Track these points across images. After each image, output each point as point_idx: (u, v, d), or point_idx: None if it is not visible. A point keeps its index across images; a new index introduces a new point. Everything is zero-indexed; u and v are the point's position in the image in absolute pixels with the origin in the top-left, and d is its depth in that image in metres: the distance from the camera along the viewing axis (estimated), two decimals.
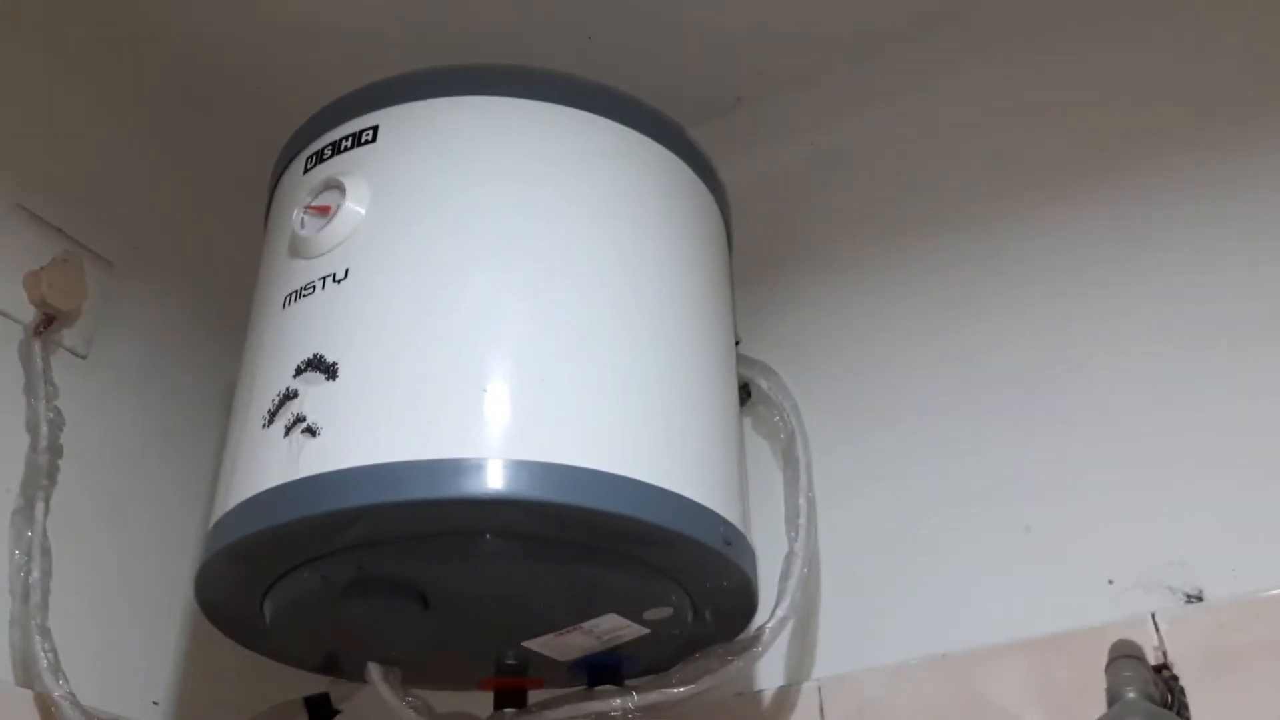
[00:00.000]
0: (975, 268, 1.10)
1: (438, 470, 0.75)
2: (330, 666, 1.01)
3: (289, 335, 0.85)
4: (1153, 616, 0.88)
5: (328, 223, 0.87)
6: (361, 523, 0.77)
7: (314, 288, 0.86)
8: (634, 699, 0.90)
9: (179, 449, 1.21)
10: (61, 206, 1.14)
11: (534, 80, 0.94)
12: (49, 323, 1.08)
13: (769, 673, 1.02)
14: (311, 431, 0.78)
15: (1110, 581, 0.92)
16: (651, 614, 0.87)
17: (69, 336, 1.11)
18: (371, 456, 0.76)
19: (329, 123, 0.95)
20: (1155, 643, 0.86)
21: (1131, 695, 0.71)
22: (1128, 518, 0.94)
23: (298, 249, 0.89)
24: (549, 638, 0.89)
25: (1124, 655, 0.76)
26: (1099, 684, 0.85)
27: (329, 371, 0.80)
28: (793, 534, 0.99)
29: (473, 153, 0.90)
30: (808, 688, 0.99)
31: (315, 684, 1.18)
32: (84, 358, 1.12)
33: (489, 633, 0.89)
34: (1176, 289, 0.99)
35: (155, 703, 1.08)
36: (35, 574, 0.97)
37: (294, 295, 0.87)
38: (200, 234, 1.32)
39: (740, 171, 1.13)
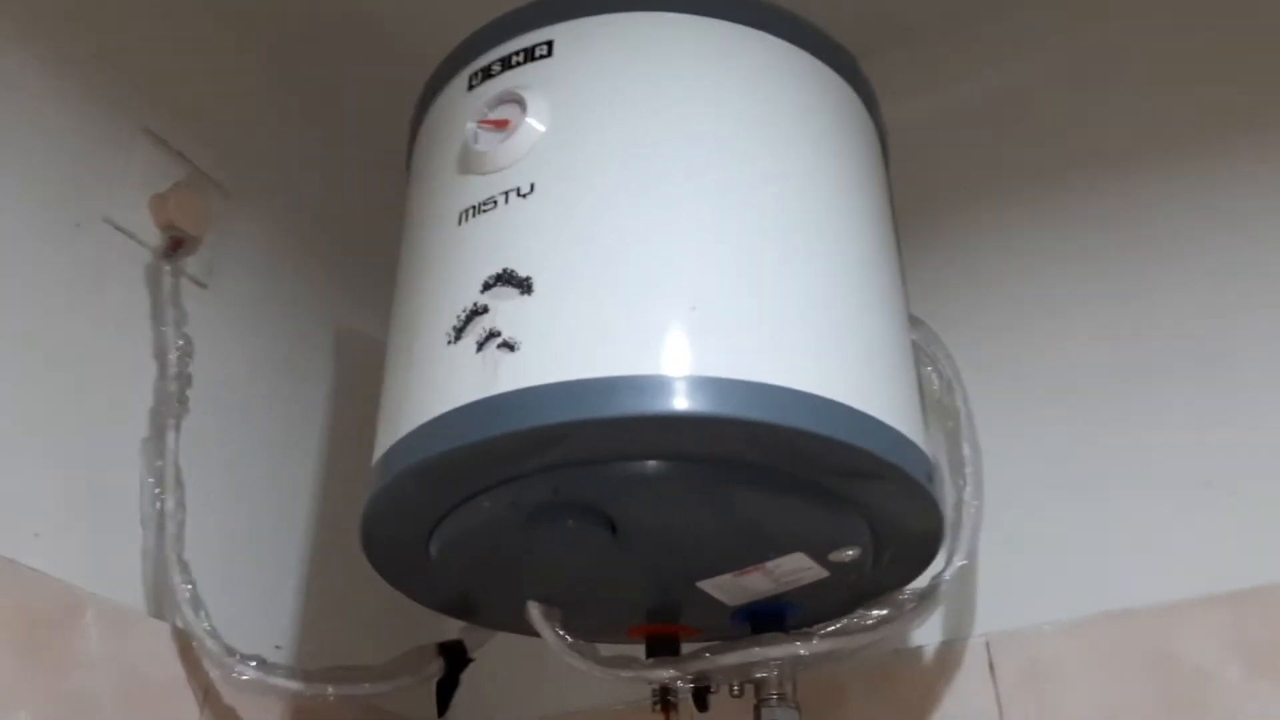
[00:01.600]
0: (1146, 215, 1.06)
1: (650, 386, 0.71)
2: (472, 610, 0.97)
3: (469, 250, 0.81)
4: None
5: (508, 136, 0.83)
6: (566, 441, 0.72)
7: (494, 202, 0.81)
8: (814, 645, 0.86)
9: (293, 386, 1.17)
10: (185, 133, 1.10)
11: None
12: (176, 246, 1.03)
13: (928, 628, 0.98)
14: (509, 346, 0.74)
15: None
16: (837, 555, 0.83)
17: (191, 264, 1.06)
18: (578, 372, 0.72)
19: (496, 38, 0.91)
20: None
21: None
22: None
23: (472, 164, 0.85)
24: (727, 577, 0.85)
25: None
26: None
27: (523, 286, 0.76)
28: (960, 482, 0.95)
29: (656, 69, 0.85)
30: (974, 643, 0.96)
31: (430, 631, 1.15)
32: (205, 286, 1.08)
33: (666, 569, 0.85)
34: None
35: (278, 646, 1.03)
36: (170, 504, 0.93)
37: (471, 211, 0.82)
38: (314, 170, 1.28)
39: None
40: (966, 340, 1.04)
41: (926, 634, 0.98)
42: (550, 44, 0.88)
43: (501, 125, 0.84)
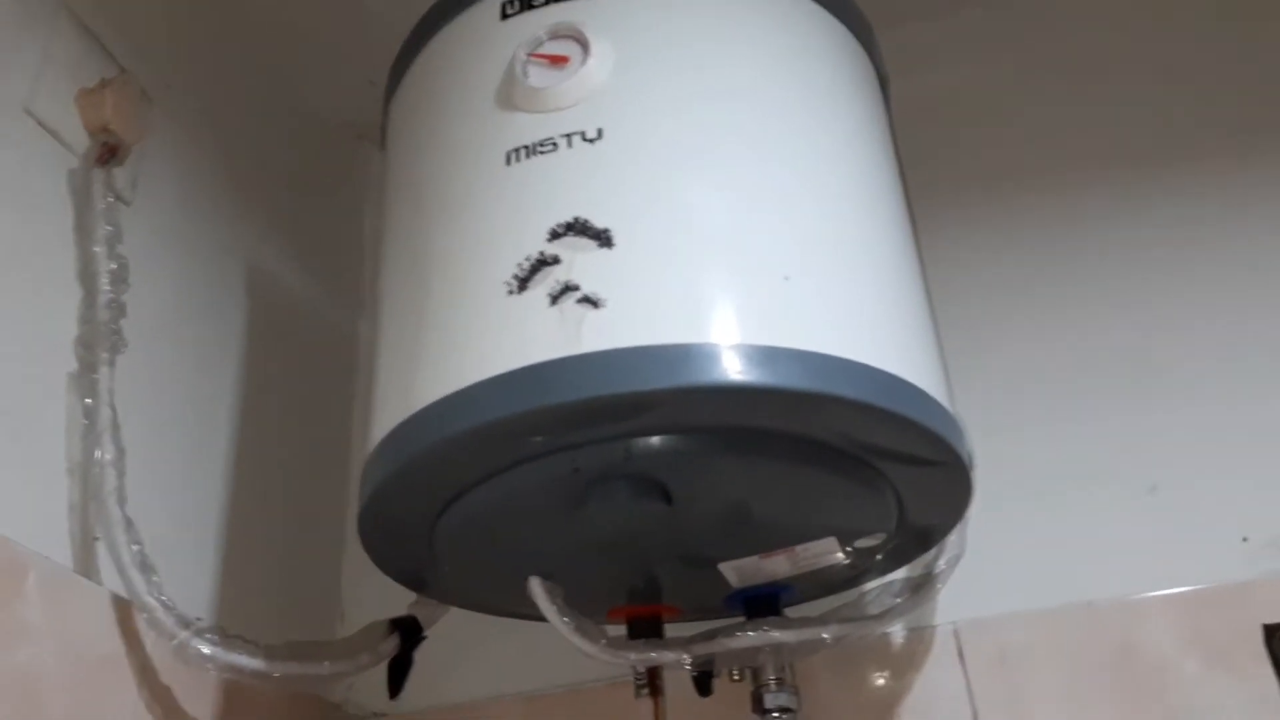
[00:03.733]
0: (1109, 226, 1.11)
1: (745, 356, 0.67)
2: (429, 583, 0.89)
3: (527, 194, 0.74)
4: None
5: (568, 76, 0.77)
6: (651, 408, 0.68)
7: (554, 145, 0.75)
8: (834, 629, 0.85)
9: (213, 322, 1.03)
10: (107, 22, 0.95)
11: None
12: (110, 154, 0.89)
13: None
14: (592, 302, 0.68)
15: (1245, 539, 0.96)
16: (863, 542, 0.82)
17: (118, 176, 0.91)
18: (669, 336, 0.67)
19: None
20: None
21: None
22: (1257, 476, 0.98)
23: (522, 100, 0.78)
24: (753, 559, 0.82)
25: None
26: (1255, 636, 0.88)
27: (600, 238, 0.70)
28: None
29: (718, 23, 0.82)
30: (943, 630, 0.97)
31: (339, 594, 1.07)
32: (128, 204, 0.93)
33: (698, 546, 0.81)
34: None
35: (198, 618, 0.91)
36: (109, 453, 0.80)
37: (525, 151, 0.75)
38: (233, 98, 1.14)
39: None
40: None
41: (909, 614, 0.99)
42: None
43: (559, 61, 0.78)
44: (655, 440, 0.70)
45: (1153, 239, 1.10)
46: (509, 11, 0.83)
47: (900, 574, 0.93)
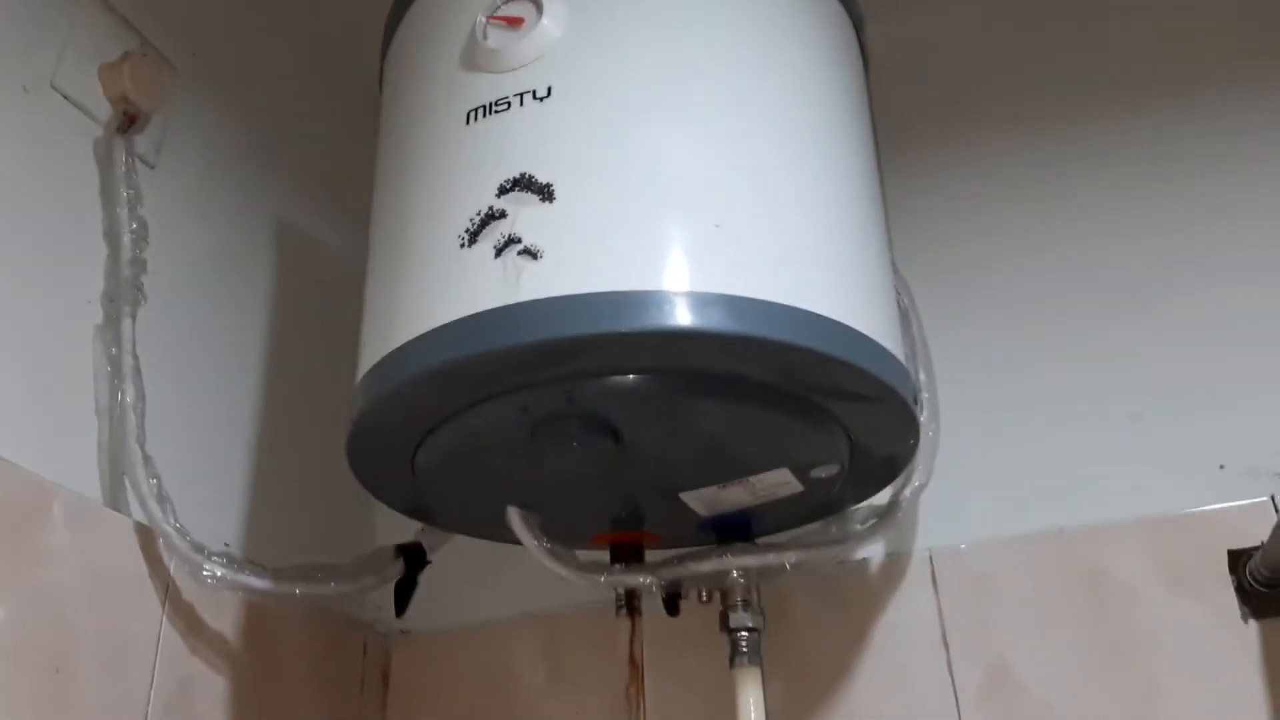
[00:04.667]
0: (1090, 161, 1.12)
1: (676, 303, 0.72)
2: (434, 513, 0.97)
3: (481, 152, 0.79)
4: (1273, 499, 0.93)
5: (523, 35, 0.81)
6: (588, 353, 0.73)
7: (508, 104, 0.80)
8: (787, 555, 0.90)
9: (237, 277, 1.12)
10: None
11: None
12: (130, 122, 0.97)
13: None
14: (531, 254, 0.73)
15: (1221, 467, 0.97)
16: (818, 472, 0.87)
17: (140, 142, 1.00)
18: (604, 284, 0.72)
19: None
20: (1276, 524, 0.92)
21: None
22: (1239, 405, 0.99)
23: (481, 60, 0.83)
24: (711, 489, 0.88)
25: None
26: (1221, 562, 0.90)
27: (543, 193, 0.75)
28: (917, 406, 0.99)
29: None
30: (918, 556, 1.02)
31: (372, 527, 1.15)
32: (152, 167, 1.02)
33: (656, 479, 0.87)
34: None
35: (226, 544, 1.01)
36: (131, 395, 0.89)
37: (482, 110, 0.81)
38: (257, 58, 1.21)
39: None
40: (921, 271, 1.08)
41: (872, 546, 1.03)
42: None
43: (515, 23, 0.82)
44: (597, 382, 0.76)
45: (1136, 171, 1.10)
46: None
47: (878, 500, 0.97)
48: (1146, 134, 1.11)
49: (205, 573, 0.86)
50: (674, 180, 0.76)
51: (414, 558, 1.00)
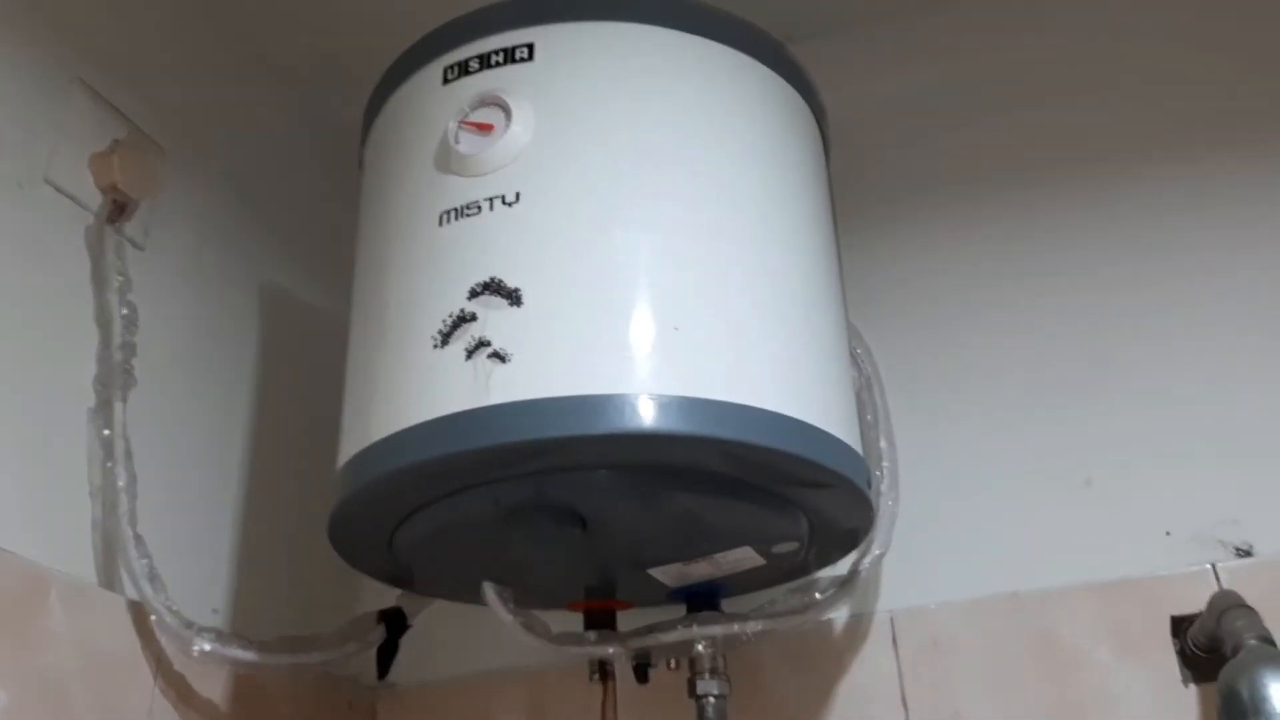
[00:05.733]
0: (1045, 232, 1.17)
1: (636, 406, 0.76)
2: (413, 582, 1.01)
3: (453, 255, 0.84)
4: (1213, 567, 0.98)
5: (492, 142, 0.85)
6: (553, 452, 0.77)
7: (479, 208, 0.84)
8: (751, 625, 0.94)
9: (227, 351, 1.16)
10: (118, 85, 1.07)
11: (687, 12, 0.93)
12: (120, 211, 1.01)
13: None
14: (500, 357, 0.78)
15: (1168, 533, 1.02)
16: (779, 548, 0.91)
17: (130, 226, 1.04)
18: (566, 388, 0.76)
19: (473, 33, 0.92)
20: (1215, 590, 0.96)
21: (1253, 642, 0.80)
22: (1186, 474, 1.03)
23: (453, 164, 0.87)
24: (677, 566, 0.92)
25: (1237, 605, 0.85)
26: (1165, 627, 0.95)
27: (511, 297, 0.80)
28: (878, 474, 1.04)
29: (636, 85, 0.89)
30: (880, 618, 1.06)
31: (354, 593, 1.19)
32: (142, 249, 1.06)
33: (624, 558, 0.91)
34: (1241, 258, 1.09)
35: (215, 611, 1.05)
36: (123, 479, 0.93)
37: (454, 213, 0.85)
38: (243, 130, 1.26)
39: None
40: (883, 339, 1.12)
41: (836, 610, 1.08)
42: (531, 47, 0.90)
43: (485, 129, 0.87)
44: (564, 476, 0.80)
45: (1089, 242, 1.14)
46: (449, 77, 0.92)
47: (840, 567, 1.01)
48: (1098, 205, 1.16)
49: (195, 648, 0.91)
50: (637, 285, 0.81)
51: (395, 622, 1.05)
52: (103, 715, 0.88)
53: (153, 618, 0.91)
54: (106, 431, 0.95)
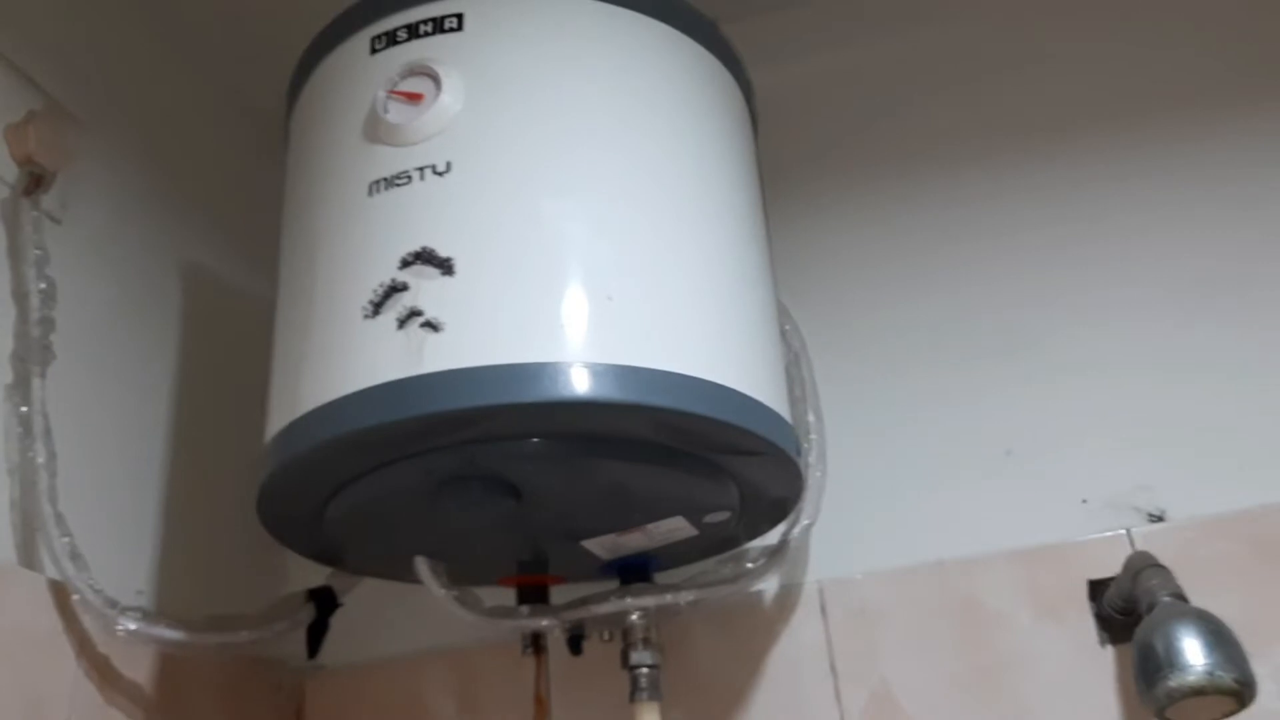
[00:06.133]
0: (964, 207, 1.20)
1: (570, 374, 0.76)
2: (342, 559, 1.00)
3: (384, 224, 0.83)
4: (1128, 532, 1.01)
5: (422, 111, 0.85)
6: (487, 421, 0.77)
7: (409, 178, 0.84)
8: (683, 595, 0.95)
9: (146, 326, 1.14)
10: (32, 54, 1.04)
11: None
12: (37, 184, 0.98)
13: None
14: (433, 326, 0.77)
15: (1084, 501, 1.05)
16: (711, 518, 0.92)
17: (46, 199, 1.01)
18: (500, 356, 0.76)
19: (400, 3, 0.91)
20: (1129, 554, 1.00)
21: (1166, 599, 0.83)
22: (1100, 443, 1.07)
23: (382, 134, 0.86)
24: (610, 537, 0.93)
25: (1151, 565, 0.88)
26: (1082, 591, 0.98)
27: (444, 267, 0.79)
28: (806, 446, 1.05)
29: (565, 55, 0.89)
30: (809, 588, 1.08)
31: (279, 571, 1.18)
32: (59, 223, 1.03)
33: (556, 530, 0.92)
34: (1154, 232, 1.13)
35: (140, 591, 1.03)
36: (42, 455, 0.91)
37: (383, 183, 0.84)
38: (161, 103, 1.23)
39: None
40: (809, 314, 1.14)
41: (766, 579, 1.09)
42: (460, 17, 0.90)
43: (415, 98, 0.86)
44: (497, 446, 0.80)
45: (1007, 217, 1.18)
46: (377, 47, 0.91)
47: (769, 537, 1.03)
48: (1017, 177, 1.19)
49: (119, 627, 0.89)
50: (569, 254, 0.81)
51: (325, 601, 1.04)
52: (23, 696, 0.86)
53: (75, 597, 0.89)
54: (24, 408, 0.93)
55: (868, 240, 1.21)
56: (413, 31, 0.90)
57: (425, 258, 0.80)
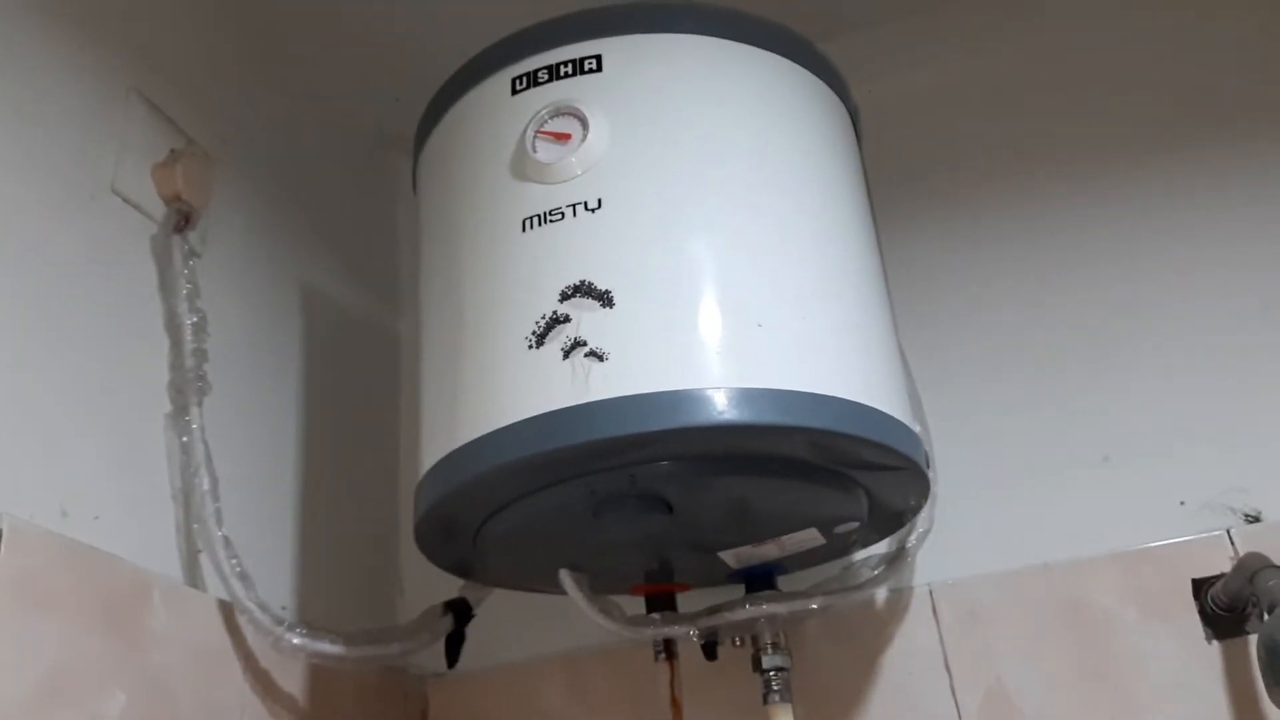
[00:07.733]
0: (1065, 217, 1.24)
1: (730, 398, 0.81)
2: (475, 571, 1.05)
3: (540, 259, 0.88)
4: (1228, 532, 1.06)
5: (571, 151, 0.90)
6: (652, 445, 0.82)
7: (562, 214, 0.88)
8: (816, 601, 1.00)
9: (278, 353, 1.19)
10: (170, 95, 1.09)
11: (735, 22, 0.98)
12: (186, 220, 1.03)
13: None
14: (598, 356, 0.82)
15: (1182, 503, 1.10)
16: (841, 528, 0.97)
17: (190, 235, 1.06)
18: (663, 384, 0.81)
19: (539, 44, 0.96)
20: (1231, 554, 1.05)
21: None
22: (1195, 446, 1.11)
23: (532, 172, 0.91)
24: (746, 548, 0.98)
25: (1268, 565, 0.93)
26: (1186, 589, 1.03)
27: (603, 299, 0.84)
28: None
29: (703, 93, 0.94)
30: (919, 591, 1.13)
31: (412, 584, 1.23)
32: (200, 257, 1.08)
33: (699, 542, 0.96)
34: (1246, 241, 1.17)
35: (284, 607, 1.08)
36: (206, 483, 0.96)
37: (537, 219, 0.89)
38: (284, 138, 1.28)
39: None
40: (910, 325, 1.19)
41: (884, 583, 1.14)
42: (599, 59, 0.94)
43: (563, 138, 0.91)
44: (656, 466, 0.85)
45: (1107, 226, 1.22)
46: (518, 87, 0.96)
47: (880, 547, 1.08)
48: (1117, 189, 1.23)
49: (285, 643, 0.94)
50: (720, 284, 0.86)
51: (461, 612, 1.09)
52: (205, 712, 0.91)
53: (242, 616, 0.94)
54: (185, 438, 0.98)
55: (967, 252, 1.26)
56: (553, 73, 0.95)
57: (585, 290, 0.85)
